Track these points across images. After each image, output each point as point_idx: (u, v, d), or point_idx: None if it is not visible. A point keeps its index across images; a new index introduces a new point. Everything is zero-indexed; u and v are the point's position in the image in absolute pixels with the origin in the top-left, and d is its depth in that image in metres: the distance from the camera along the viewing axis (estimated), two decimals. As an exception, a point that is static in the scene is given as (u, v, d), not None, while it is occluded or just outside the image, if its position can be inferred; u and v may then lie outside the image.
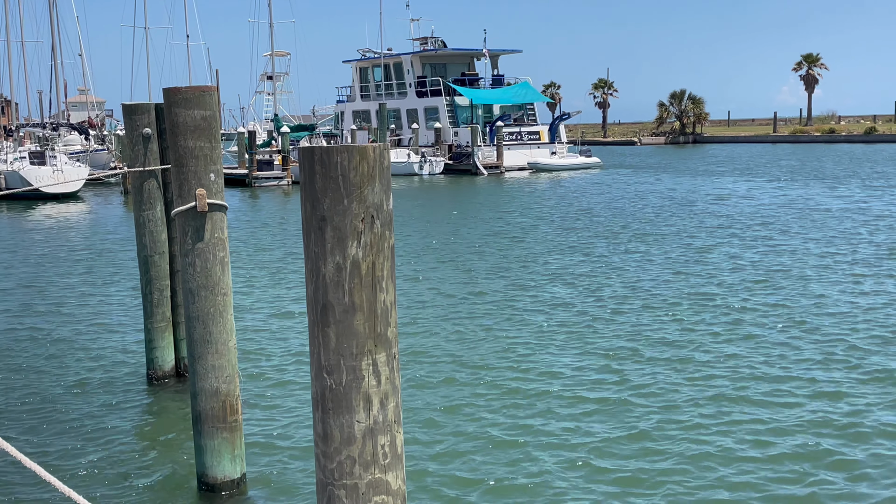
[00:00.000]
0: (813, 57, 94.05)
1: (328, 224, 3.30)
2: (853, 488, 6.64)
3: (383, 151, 3.38)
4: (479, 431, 7.91)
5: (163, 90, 6.47)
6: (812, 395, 8.69)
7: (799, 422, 7.98)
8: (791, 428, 7.83)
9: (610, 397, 8.79)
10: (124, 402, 8.97)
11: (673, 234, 20.82)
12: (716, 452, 7.33)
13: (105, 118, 64.11)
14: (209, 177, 6.36)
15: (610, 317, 12.22)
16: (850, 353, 10.08)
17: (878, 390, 8.80)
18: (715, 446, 7.47)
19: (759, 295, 13.40)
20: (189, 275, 6.35)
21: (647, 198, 31.47)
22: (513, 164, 49.79)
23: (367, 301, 3.36)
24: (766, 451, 7.34)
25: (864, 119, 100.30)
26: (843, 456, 7.22)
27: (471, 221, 25.13)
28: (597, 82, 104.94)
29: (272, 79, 61.46)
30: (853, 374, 9.31)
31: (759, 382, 9.11)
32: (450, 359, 10.26)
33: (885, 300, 12.82)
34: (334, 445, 3.42)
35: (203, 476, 6.59)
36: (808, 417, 8.09)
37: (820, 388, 8.91)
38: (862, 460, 7.13)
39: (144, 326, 9.39)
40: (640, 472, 7.00)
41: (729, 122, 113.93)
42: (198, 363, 6.41)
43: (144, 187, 9.01)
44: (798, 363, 9.77)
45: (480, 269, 16.58)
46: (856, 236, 19.69)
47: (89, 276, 16.62)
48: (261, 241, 21.70)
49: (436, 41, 59.59)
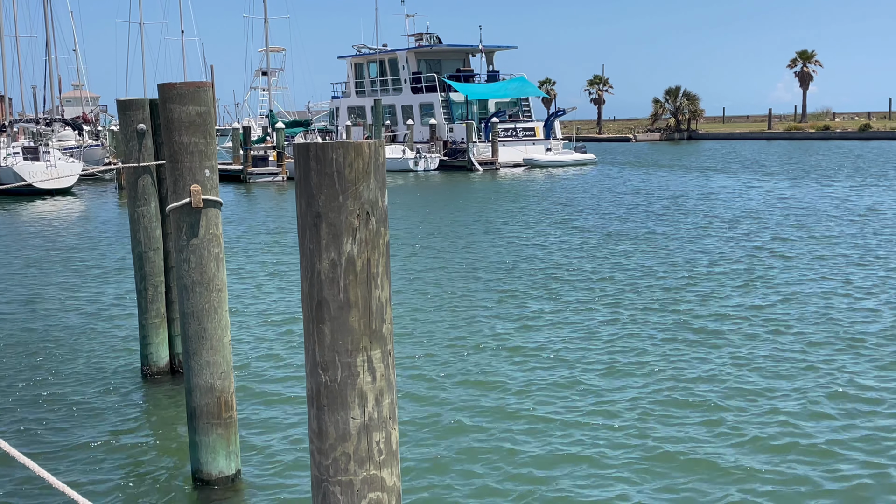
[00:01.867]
0: (808, 53, 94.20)
1: (323, 220, 3.30)
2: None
3: (378, 148, 3.37)
4: (475, 428, 7.92)
5: (157, 86, 6.45)
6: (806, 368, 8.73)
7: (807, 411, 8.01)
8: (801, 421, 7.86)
9: (609, 394, 8.80)
10: (119, 399, 8.95)
11: (666, 228, 20.86)
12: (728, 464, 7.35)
13: (99, 114, 64.00)
14: (204, 173, 6.35)
15: (608, 311, 12.24)
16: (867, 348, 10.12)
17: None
18: (726, 458, 7.49)
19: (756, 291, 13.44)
20: (184, 271, 6.34)
21: (639, 194, 31.52)
22: (508, 161, 49.82)
23: (362, 298, 3.36)
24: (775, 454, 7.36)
25: (858, 116, 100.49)
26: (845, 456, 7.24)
27: (466, 217, 25.13)
28: (592, 79, 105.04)
29: (267, 74, 61.40)
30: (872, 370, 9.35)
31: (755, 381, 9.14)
32: (445, 355, 10.26)
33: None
34: (329, 442, 3.43)
35: (198, 472, 6.59)
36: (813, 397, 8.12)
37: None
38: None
39: (139, 323, 9.38)
40: (641, 470, 7.01)
41: (724, 118, 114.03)
42: (192, 359, 6.40)
43: (139, 183, 8.99)
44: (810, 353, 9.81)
45: (476, 265, 16.58)
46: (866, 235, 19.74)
47: (83, 273, 16.59)
48: (255, 237, 21.68)
49: (431, 37, 59.58)
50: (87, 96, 60.55)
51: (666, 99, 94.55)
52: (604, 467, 7.04)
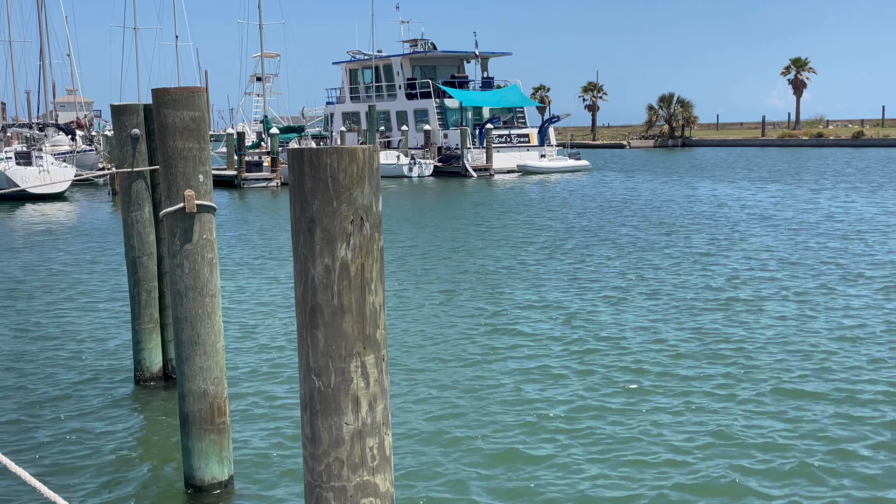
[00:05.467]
0: (801, 61, 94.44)
1: (317, 226, 3.30)
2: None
3: (372, 153, 3.37)
4: (469, 433, 7.91)
5: (151, 91, 6.45)
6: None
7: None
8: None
9: (605, 398, 8.79)
10: (111, 405, 8.92)
11: (665, 231, 20.90)
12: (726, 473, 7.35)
13: (93, 118, 63.97)
14: (198, 178, 6.34)
15: (604, 317, 12.24)
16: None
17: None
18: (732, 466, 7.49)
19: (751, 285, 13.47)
20: (177, 276, 6.33)
21: (632, 200, 31.57)
22: (502, 167, 49.86)
23: (355, 303, 3.36)
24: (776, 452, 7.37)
25: (852, 123, 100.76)
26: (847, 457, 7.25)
27: (460, 223, 25.14)
28: (586, 85, 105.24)
29: (261, 80, 61.33)
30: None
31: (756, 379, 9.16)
32: (439, 361, 10.25)
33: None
34: (322, 448, 3.42)
35: (190, 478, 6.57)
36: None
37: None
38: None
39: (132, 328, 9.35)
40: (635, 475, 7.01)
41: (718, 125, 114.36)
42: (185, 365, 6.38)
43: (133, 188, 8.98)
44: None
45: (470, 270, 16.58)
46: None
47: (76, 278, 16.55)
48: (249, 242, 21.65)
49: (426, 43, 59.62)
50: (81, 101, 60.42)
51: (660, 106, 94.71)
52: (598, 475, 7.03)
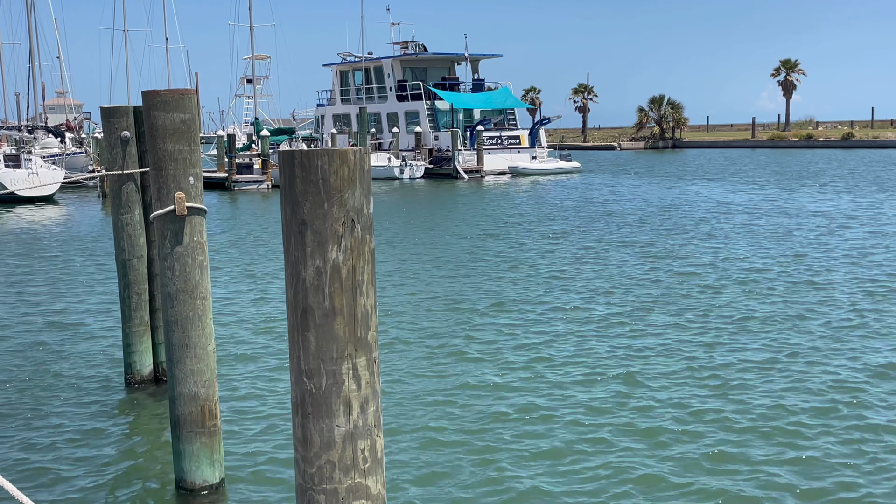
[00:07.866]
0: (791, 63, 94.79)
1: (308, 228, 3.30)
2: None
3: (363, 155, 3.38)
4: (461, 436, 7.91)
5: (141, 93, 6.43)
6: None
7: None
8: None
9: (599, 400, 8.81)
10: (102, 407, 8.89)
11: (653, 233, 20.95)
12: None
13: (83, 121, 63.71)
14: (188, 180, 6.33)
15: (596, 317, 12.26)
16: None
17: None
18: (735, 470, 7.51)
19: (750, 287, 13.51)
20: (168, 279, 6.31)
21: (621, 202, 31.64)
22: (493, 169, 49.91)
23: (347, 305, 3.35)
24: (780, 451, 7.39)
25: (841, 125, 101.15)
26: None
27: (451, 225, 25.14)
28: (577, 87, 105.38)
29: (252, 82, 61.18)
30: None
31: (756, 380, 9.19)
32: (431, 362, 10.25)
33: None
34: (314, 450, 3.42)
35: (181, 481, 6.55)
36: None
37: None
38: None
39: (122, 330, 9.32)
40: (631, 473, 7.02)
41: (708, 127, 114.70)
42: (176, 367, 6.37)
43: (123, 191, 8.95)
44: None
45: (461, 272, 16.59)
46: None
47: (66, 280, 16.48)
48: (240, 244, 21.61)
49: (416, 45, 59.61)
50: (70, 103, 60.23)
51: (650, 107, 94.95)
52: (594, 476, 7.04)
